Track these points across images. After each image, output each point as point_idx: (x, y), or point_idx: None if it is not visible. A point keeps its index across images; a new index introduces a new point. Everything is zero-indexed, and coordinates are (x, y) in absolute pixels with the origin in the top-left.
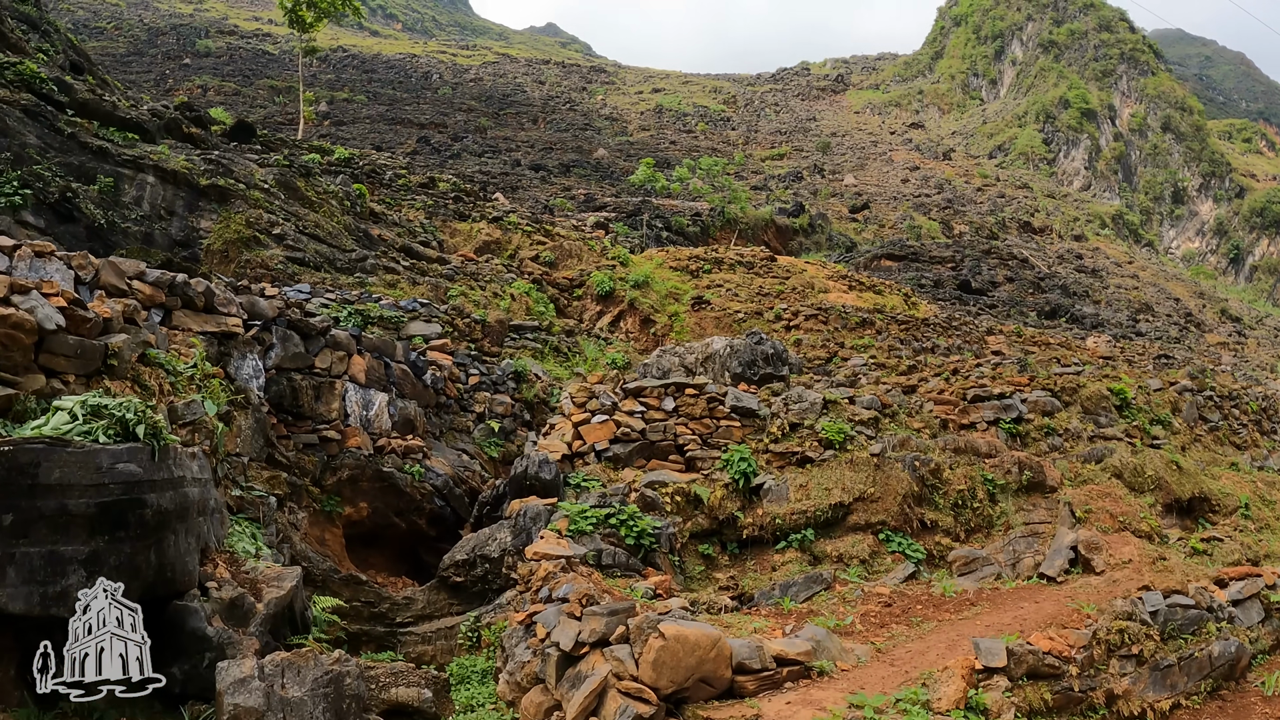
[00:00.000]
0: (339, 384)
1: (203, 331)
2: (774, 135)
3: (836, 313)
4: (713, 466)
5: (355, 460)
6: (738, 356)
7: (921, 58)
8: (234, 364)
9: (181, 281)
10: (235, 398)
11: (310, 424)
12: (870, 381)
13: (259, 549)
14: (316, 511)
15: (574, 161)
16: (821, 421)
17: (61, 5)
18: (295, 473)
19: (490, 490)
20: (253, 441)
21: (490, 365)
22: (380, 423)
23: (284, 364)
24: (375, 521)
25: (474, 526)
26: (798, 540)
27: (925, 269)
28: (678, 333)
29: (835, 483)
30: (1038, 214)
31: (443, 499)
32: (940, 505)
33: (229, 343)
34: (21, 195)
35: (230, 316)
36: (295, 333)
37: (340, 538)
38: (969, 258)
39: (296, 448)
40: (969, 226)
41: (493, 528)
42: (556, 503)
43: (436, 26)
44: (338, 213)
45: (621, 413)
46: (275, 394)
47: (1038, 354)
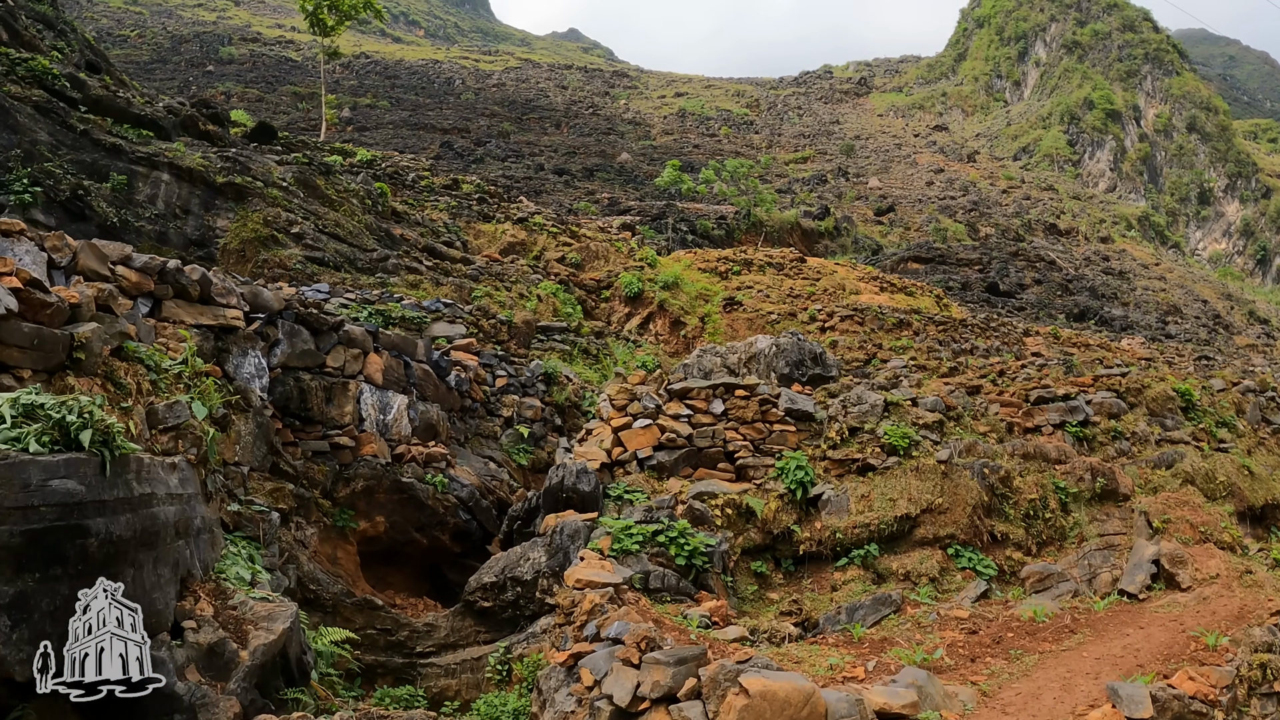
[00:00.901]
0: (353, 385)
1: (197, 324)
2: (797, 138)
3: (873, 314)
4: (766, 475)
5: (371, 470)
6: (784, 356)
7: (944, 60)
8: (233, 361)
9: (174, 268)
10: (233, 399)
11: (320, 429)
12: (912, 384)
13: (256, 574)
14: (327, 527)
15: (597, 165)
16: (883, 425)
17: (86, 14)
18: (303, 484)
19: (521, 503)
20: (254, 449)
21: (518, 366)
22: (399, 428)
23: (291, 362)
24: (393, 537)
25: (503, 543)
26: (860, 557)
27: (953, 271)
28: (710, 334)
29: (900, 493)
30: (1063, 216)
31: (468, 512)
32: (1011, 516)
33: (227, 338)
34: (31, 193)
35: (229, 308)
36: (304, 327)
37: (354, 555)
38: (996, 260)
39: (305, 456)
40: (995, 229)
41: (525, 546)
42: (597, 518)
43: (459, 33)
44: (359, 212)
45: (666, 416)
46: (281, 395)
47: (1078, 355)
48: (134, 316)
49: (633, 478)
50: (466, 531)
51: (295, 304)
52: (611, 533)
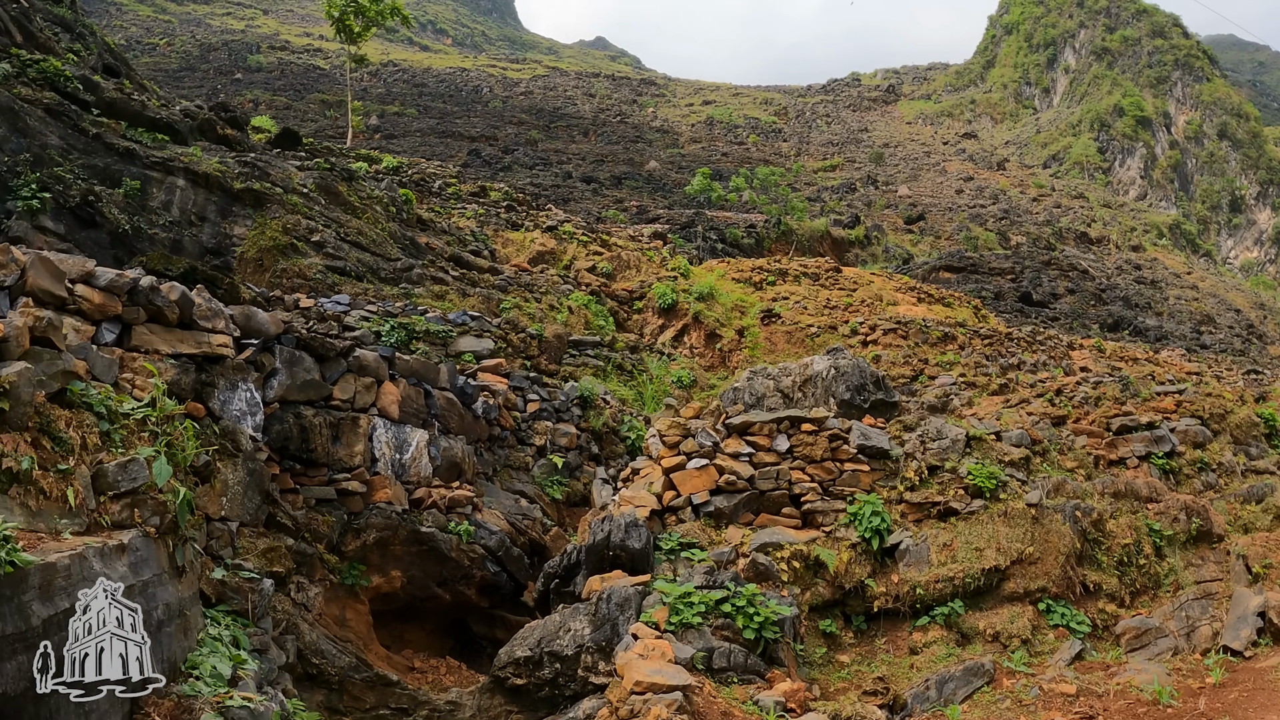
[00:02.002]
0: (364, 420)
1: (176, 354)
2: (826, 146)
3: (917, 326)
4: (836, 522)
5: (385, 519)
6: (844, 379)
7: (973, 67)
8: (219, 397)
9: (147, 286)
10: (220, 443)
11: (326, 473)
12: (963, 403)
13: (240, 664)
14: (334, 585)
15: (626, 174)
16: (966, 463)
17: (115, 22)
18: (305, 538)
19: (560, 558)
20: (244, 500)
21: (552, 390)
22: (418, 468)
23: (290, 395)
24: (411, 593)
25: (539, 603)
26: (943, 615)
27: (985, 281)
28: (750, 348)
29: (987, 541)
30: (1094, 224)
31: (497, 563)
32: (1103, 564)
33: (213, 368)
34: (40, 199)
35: (216, 334)
36: (307, 354)
37: (366, 615)
38: (1029, 269)
39: (306, 505)
40: (1026, 237)
41: (565, 614)
42: (649, 580)
43: (486, 41)
44: (382, 219)
45: (724, 455)
46: (278, 435)
47: (1126, 370)
48: (85, 350)
49: (687, 526)
50: (495, 585)
51: (297, 327)
52: (669, 602)
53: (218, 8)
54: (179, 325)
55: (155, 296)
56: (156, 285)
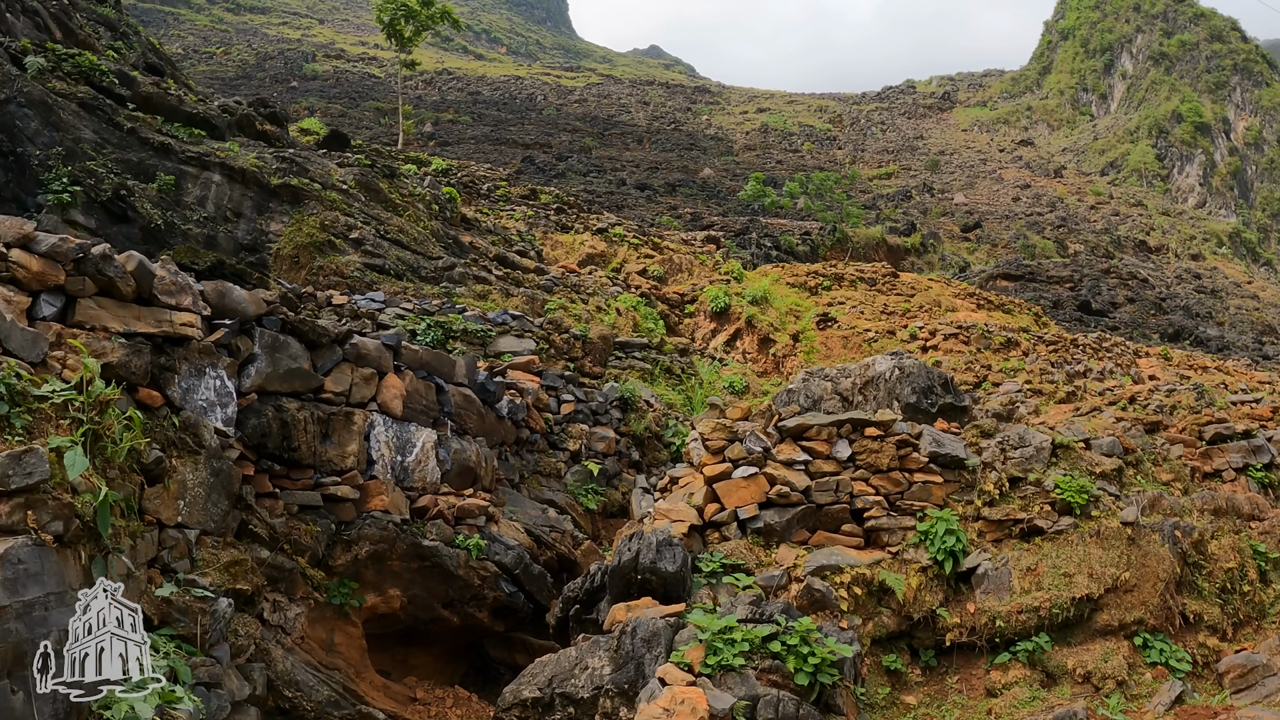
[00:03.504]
0: (360, 416)
1: (129, 333)
2: (881, 154)
3: (979, 332)
4: (904, 541)
5: (380, 529)
6: (910, 381)
7: (1029, 73)
8: (180, 384)
9: (98, 255)
10: (177, 437)
11: (312, 475)
12: (1029, 411)
13: (172, 705)
14: (320, 604)
15: (680, 181)
16: (1052, 474)
17: (172, 31)
18: (284, 550)
19: (583, 582)
20: (207, 505)
21: (589, 390)
22: (422, 473)
23: (271, 385)
24: (413, 614)
25: (556, 631)
26: (1026, 651)
27: (1043, 289)
28: (805, 353)
29: (1078, 565)
30: (1153, 232)
31: (513, 582)
32: (1204, 591)
33: (174, 351)
34: (71, 193)
35: (180, 311)
36: (294, 339)
37: (359, 639)
38: (1088, 277)
39: (288, 512)
40: (1084, 245)
41: (583, 648)
42: (684, 611)
43: (540, 50)
44: (424, 217)
45: (775, 463)
46: (255, 430)
47: (1196, 378)
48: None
49: (731, 545)
50: (511, 607)
51: (283, 309)
52: (705, 639)
53: (274, 17)
54: (135, 300)
55: (107, 266)
56: (109, 254)
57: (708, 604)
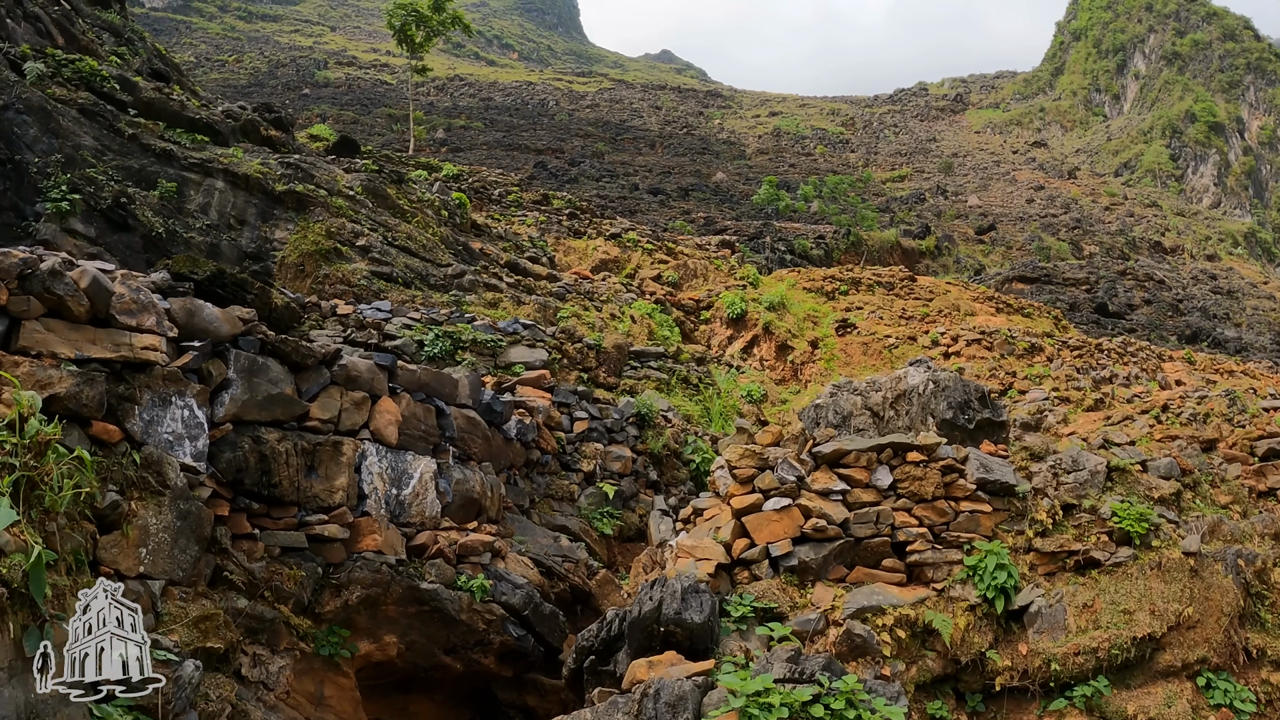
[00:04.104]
0: (349, 446)
1: (81, 358)
2: (894, 156)
3: (1002, 337)
4: (950, 577)
5: (372, 572)
6: (946, 395)
7: (1041, 74)
8: (141, 416)
9: (46, 271)
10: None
11: (296, 513)
12: (1057, 420)
13: None
14: (308, 655)
15: (693, 185)
16: (1108, 501)
17: (184, 40)
18: (264, 598)
19: (598, 630)
20: (173, 553)
21: (604, 406)
22: (420, 507)
23: (248, 414)
24: (412, 662)
25: (571, 681)
26: (1083, 697)
27: (1059, 291)
28: (826, 360)
29: (1138, 601)
30: (1168, 233)
31: (522, 624)
32: (1267, 624)
33: (136, 379)
34: (70, 201)
35: (141, 333)
36: (274, 361)
37: (352, 690)
38: (1104, 279)
39: (269, 555)
40: (1099, 247)
41: (599, 710)
42: (712, 669)
43: (552, 55)
44: (434, 224)
45: (810, 493)
46: (230, 465)
47: (1222, 383)
48: None
49: (763, 585)
50: (519, 651)
51: (261, 328)
52: (739, 706)
53: (286, 25)
54: (90, 321)
55: (56, 283)
56: (59, 270)
57: (738, 656)
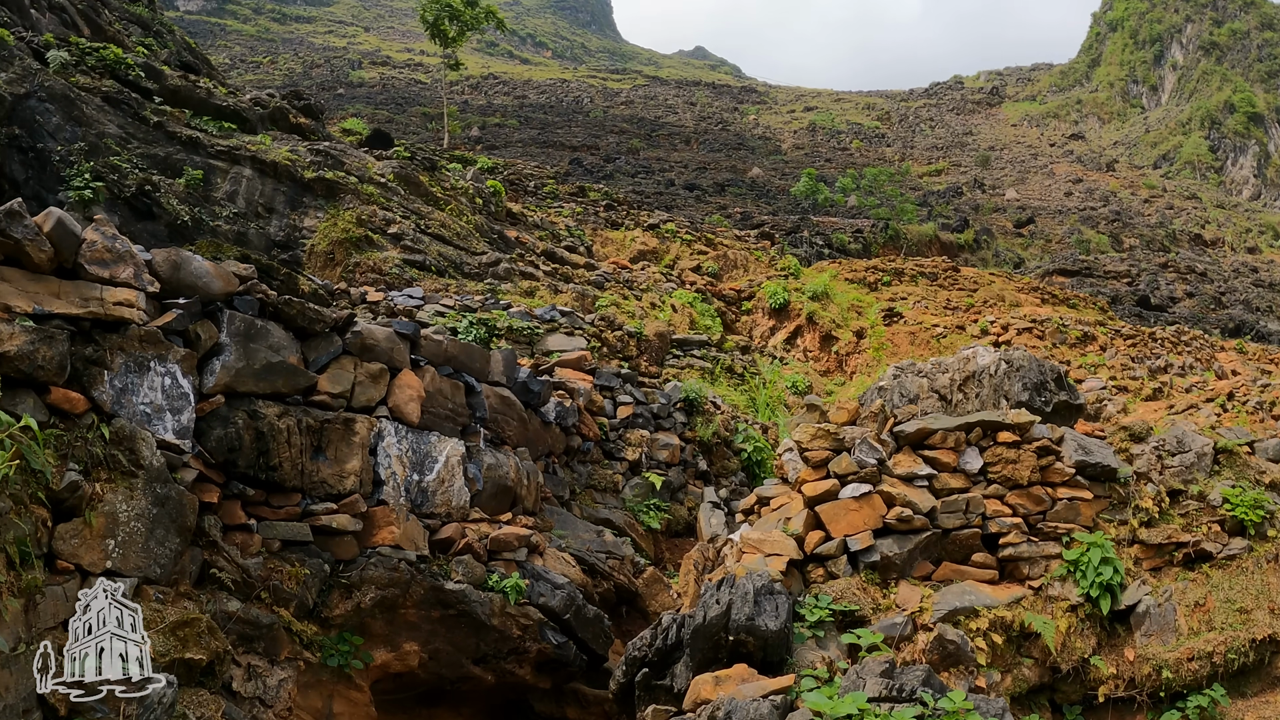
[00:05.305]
0: (364, 424)
1: (41, 313)
2: (930, 150)
3: (1054, 325)
4: (1047, 573)
5: (389, 570)
6: (1020, 376)
7: (1078, 66)
8: (112, 383)
9: (3, 213)
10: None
11: (299, 500)
12: (1117, 409)
13: None
14: (314, 665)
15: (729, 180)
16: (1217, 486)
17: (219, 43)
18: (261, 599)
19: (652, 637)
20: (148, 545)
21: (649, 391)
22: (446, 495)
23: (242, 384)
24: (436, 673)
25: (620, 697)
26: (1196, 708)
27: (1100, 284)
28: (874, 349)
29: (1255, 599)
30: (1208, 225)
31: (562, 629)
32: None
33: (107, 339)
34: (93, 189)
35: (115, 286)
36: (275, 325)
37: (366, 705)
38: (1145, 272)
39: (266, 549)
40: (1139, 240)
41: None
42: (791, 685)
43: (586, 53)
44: (468, 212)
45: (893, 478)
46: (221, 443)
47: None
48: None
49: (841, 584)
50: (559, 660)
51: (259, 286)
52: None
53: (320, 26)
54: (55, 272)
55: (14, 226)
56: (18, 210)
57: (819, 669)
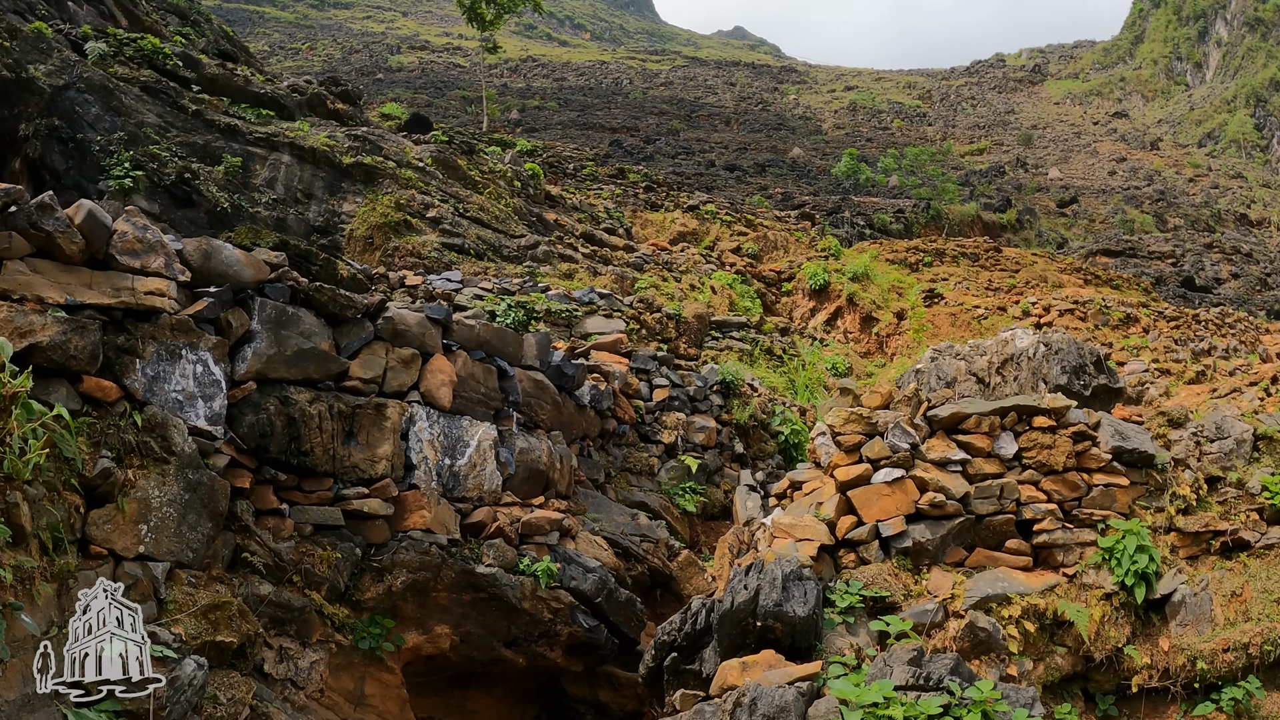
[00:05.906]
0: (395, 409)
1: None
2: (972, 129)
3: (1096, 307)
4: (1082, 561)
5: (420, 554)
6: (1059, 359)
7: (1121, 43)
8: (144, 372)
9: (34, 206)
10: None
11: (330, 485)
12: (1160, 393)
13: None
14: (345, 648)
15: (769, 161)
16: (1256, 473)
17: (258, 30)
18: (292, 582)
19: (681, 622)
20: (180, 529)
21: (685, 374)
22: (478, 480)
23: (274, 371)
24: (467, 656)
25: (649, 679)
26: (1231, 700)
27: (1144, 265)
28: (914, 331)
29: None
30: (1254, 205)
31: (594, 613)
32: None
33: (139, 329)
34: (133, 178)
35: (145, 275)
36: (307, 312)
37: (398, 687)
38: (1190, 253)
39: (299, 534)
40: (1183, 220)
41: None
42: (819, 672)
43: (624, 35)
44: (506, 195)
45: (926, 463)
46: (253, 429)
47: None
48: None
49: (873, 570)
50: (591, 644)
51: (290, 274)
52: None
53: (358, 11)
54: (87, 263)
55: (45, 218)
56: (50, 203)
57: (847, 656)
